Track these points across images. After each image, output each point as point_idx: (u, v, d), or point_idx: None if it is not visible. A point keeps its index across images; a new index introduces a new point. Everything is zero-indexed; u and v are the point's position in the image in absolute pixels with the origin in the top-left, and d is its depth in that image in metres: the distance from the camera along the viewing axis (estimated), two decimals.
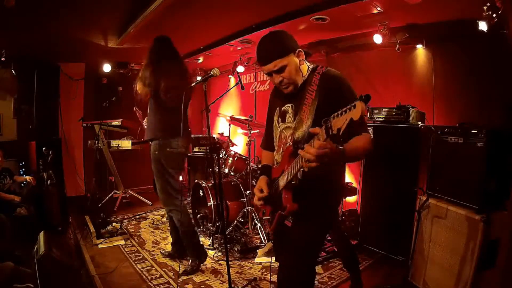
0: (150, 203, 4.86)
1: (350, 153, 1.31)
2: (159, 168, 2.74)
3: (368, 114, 3.17)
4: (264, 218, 1.74)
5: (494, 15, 2.22)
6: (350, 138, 1.35)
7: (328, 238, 3.14)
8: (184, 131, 2.71)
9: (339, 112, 1.08)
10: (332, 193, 1.60)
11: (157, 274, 2.78)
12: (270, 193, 1.64)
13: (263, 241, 3.35)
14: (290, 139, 1.56)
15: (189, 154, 5.01)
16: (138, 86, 2.71)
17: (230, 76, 5.60)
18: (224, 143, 4.15)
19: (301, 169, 1.39)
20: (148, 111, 2.85)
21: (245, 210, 3.65)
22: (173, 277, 2.73)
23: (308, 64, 1.59)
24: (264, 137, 1.87)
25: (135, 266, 2.92)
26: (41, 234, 2.28)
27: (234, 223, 3.58)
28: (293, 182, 1.46)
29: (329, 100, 1.43)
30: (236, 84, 3.94)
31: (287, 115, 1.61)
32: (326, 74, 1.51)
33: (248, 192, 3.69)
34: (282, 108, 1.64)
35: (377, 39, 3.20)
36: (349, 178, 3.79)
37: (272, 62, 1.46)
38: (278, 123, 1.67)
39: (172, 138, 2.70)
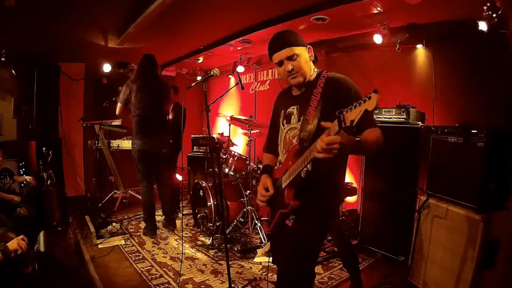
0: None
1: (366, 144, 1.36)
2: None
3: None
4: (262, 219, 1.74)
5: (494, 15, 2.22)
6: (362, 132, 1.39)
7: (328, 238, 3.15)
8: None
9: (352, 106, 1.12)
10: (333, 192, 1.61)
11: (157, 274, 2.78)
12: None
13: (263, 241, 3.35)
14: (296, 139, 1.57)
15: (188, 154, 5.10)
16: None
17: (230, 76, 5.60)
18: (224, 143, 4.15)
19: (306, 168, 1.43)
20: None
21: (245, 210, 3.65)
22: (173, 277, 2.73)
23: (314, 67, 1.63)
24: (267, 141, 1.89)
25: (135, 266, 2.92)
26: (41, 234, 2.28)
27: (234, 223, 3.58)
28: (297, 179, 1.48)
29: (335, 101, 1.45)
30: (236, 84, 3.94)
31: (292, 117, 1.63)
32: (332, 78, 1.55)
33: (248, 192, 3.69)
34: (287, 111, 1.67)
35: (377, 39, 3.21)
36: (349, 178, 3.80)
37: (287, 48, 1.52)
38: (283, 126, 1.68)
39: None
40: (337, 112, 1.16)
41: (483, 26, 2.39)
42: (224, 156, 3.94)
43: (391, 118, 3.00)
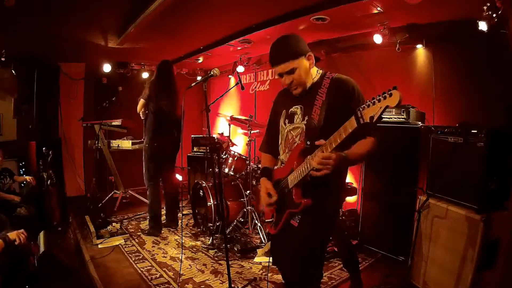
0: None
1: (353, 157, 1.38)
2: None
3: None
4: (267, 220, 1.73)
5: (494, 15, 2.22)
6: (355, 142, 1.40)
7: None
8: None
9: (370, 102, 1.09)
10: (337, 192, 1.63)
11: (157, 274, 2.78)
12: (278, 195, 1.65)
13: (263, 241, 3.35)
14: (299, 137, 1.58)
15: (188, 154, 5.10)
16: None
17: (230, 76, 5.59)
18: (224, 143, 4.15)
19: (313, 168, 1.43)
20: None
21: (245, 210, 3.65)
22: (173, 277, 2.73)
23: (318, 68, 1.63)
24: (265, 140, 1.88)
25: (135, 266, 2.92)
26: (41, 234, 2.28)
27: (234, 223, 3.58)
28: (305, 179, 1.48)
29: (340, 101, 1.48)
30: (236, 84, 3.94)
31: (296, 116, 1.63)
32: (337, 78, 1.56)
33: (248, 192, 3.69)
34: (290, 110, 1.66)
35: (377, 39, 3.21)
36: (349, 178, 3.79)
37: (283, 64, 1.51)
38: (285, 125, 1.68)
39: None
40: (357, 109, 1.15)
41: (483, 26, 2.39)
42: (224, 156, 3.94)
43: (391, 118, 3.00)
